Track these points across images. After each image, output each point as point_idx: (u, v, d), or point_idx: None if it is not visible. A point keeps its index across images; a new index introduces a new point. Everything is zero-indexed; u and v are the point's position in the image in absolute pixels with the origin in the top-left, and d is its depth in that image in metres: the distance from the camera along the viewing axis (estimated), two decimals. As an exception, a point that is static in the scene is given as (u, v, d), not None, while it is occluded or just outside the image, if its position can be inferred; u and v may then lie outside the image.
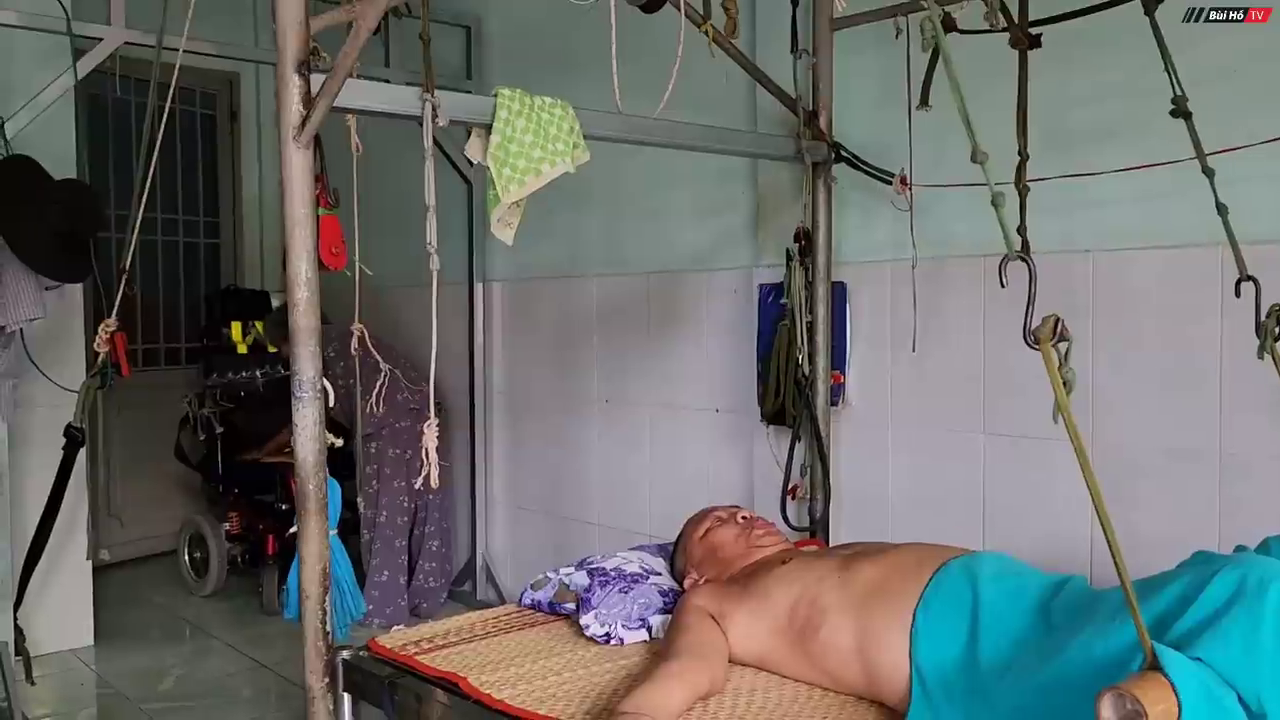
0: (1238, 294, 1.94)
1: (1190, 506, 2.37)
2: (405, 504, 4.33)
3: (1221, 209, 1.95)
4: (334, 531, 2.01)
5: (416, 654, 2.09)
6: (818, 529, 2.94)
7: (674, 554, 2.38)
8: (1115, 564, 1.19)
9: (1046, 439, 2.54)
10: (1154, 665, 1.18)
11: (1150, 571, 1.58)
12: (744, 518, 2.30)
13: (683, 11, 2.41)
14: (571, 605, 2.31)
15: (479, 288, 4.43)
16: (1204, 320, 2.34)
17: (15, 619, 3.32)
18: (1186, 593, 1.40)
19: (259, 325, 4.85)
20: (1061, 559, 2.44)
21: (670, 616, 2.10)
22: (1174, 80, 1.92)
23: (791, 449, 2.97)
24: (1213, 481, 2.35)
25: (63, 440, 3.25)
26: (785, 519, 2.94)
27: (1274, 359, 1.89)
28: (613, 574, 2.30)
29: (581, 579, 2.33)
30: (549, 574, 2.45)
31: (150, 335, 5.54)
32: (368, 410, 3.92)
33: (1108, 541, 1.18)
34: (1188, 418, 2.38)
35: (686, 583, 2.24)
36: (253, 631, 4.27)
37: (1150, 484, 2.43)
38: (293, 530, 1.98)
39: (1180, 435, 2.40)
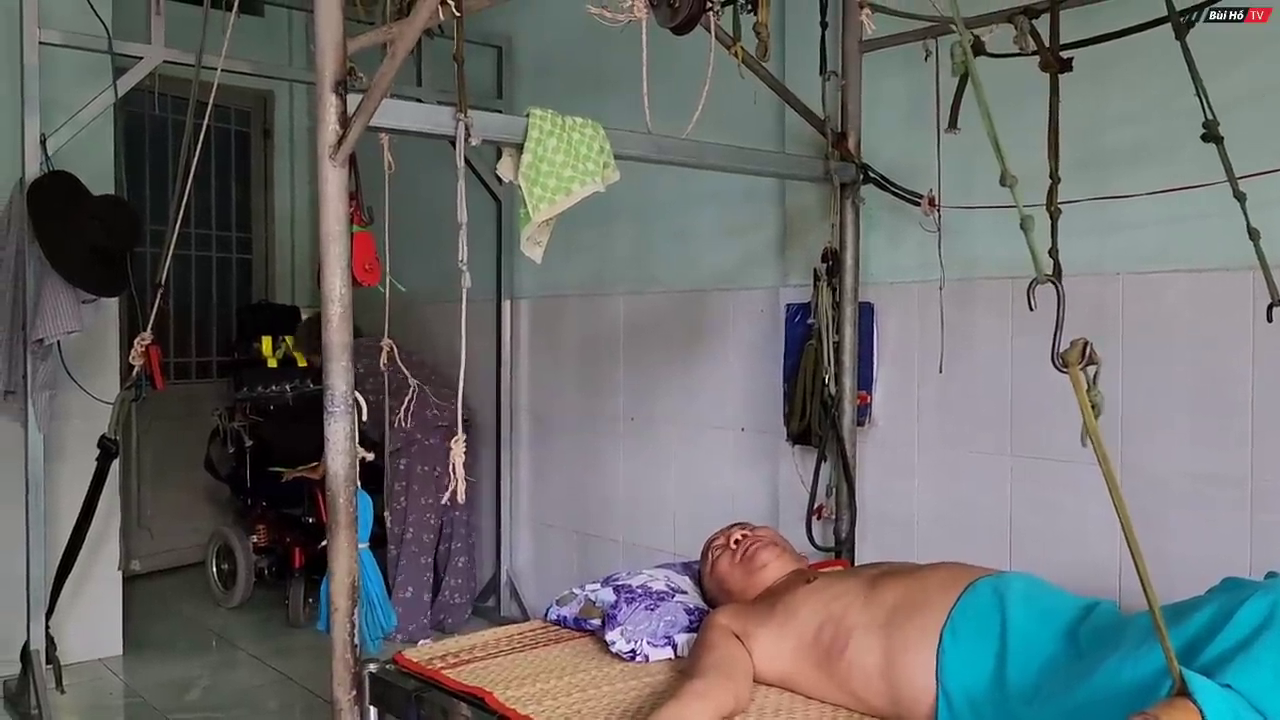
0: (1269, 319, 1.94)
1: (1220, 532, 2.35)
2: (432, 521, 4.35)
3: (1253, 233, 1.95)
4: (365, 545, 2.03)
5: (443, 668, 2.10)
6: (843, 549, 2.93)
7: (703, 592, 2.40)
8: (1144, 589, 1.19)
9: (1074, 462, 2.52)
10: (1183, 691, 1.18)
11: (1179, 597, 1.57)
12: (735, 541, 2.28)
13: (713, 34, 2.43)
14: (597, 621, 2.32)
15: (506, 305, 4.47)
16: (1235, 345, 2.33)
17: (47, 628, 3.37)
18: (1216, 618, 1.39)
19: (289, 340, 4.91)
20: (1090, 584, 2.42)
21: (695, 635, 2.11)
22: (1205, 104, 1.92)
23: (817, 469, 2.96)
24: (1244, 507, 2.33)
25: (97, 451, 3.31)
26: (810, 539, 2.93)
27: (1306, 384, 1.88)
28: (639, 591, 2.31)
29: (607, 595, 2.34)
30: (575, 590, 2.46)
31: (182, 349, 5.61)
32: (395, 425, 3.97)
33: (1136, 566, 1.18)
34: (1218, 443, 2.36)
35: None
36: (279, 643, 4.30)
37: (1180, 509, 2.41)
38: (324, 544, 2.00)
39: (1210, 460, 2.38)
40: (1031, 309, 1.37)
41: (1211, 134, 1.92)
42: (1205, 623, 1.40)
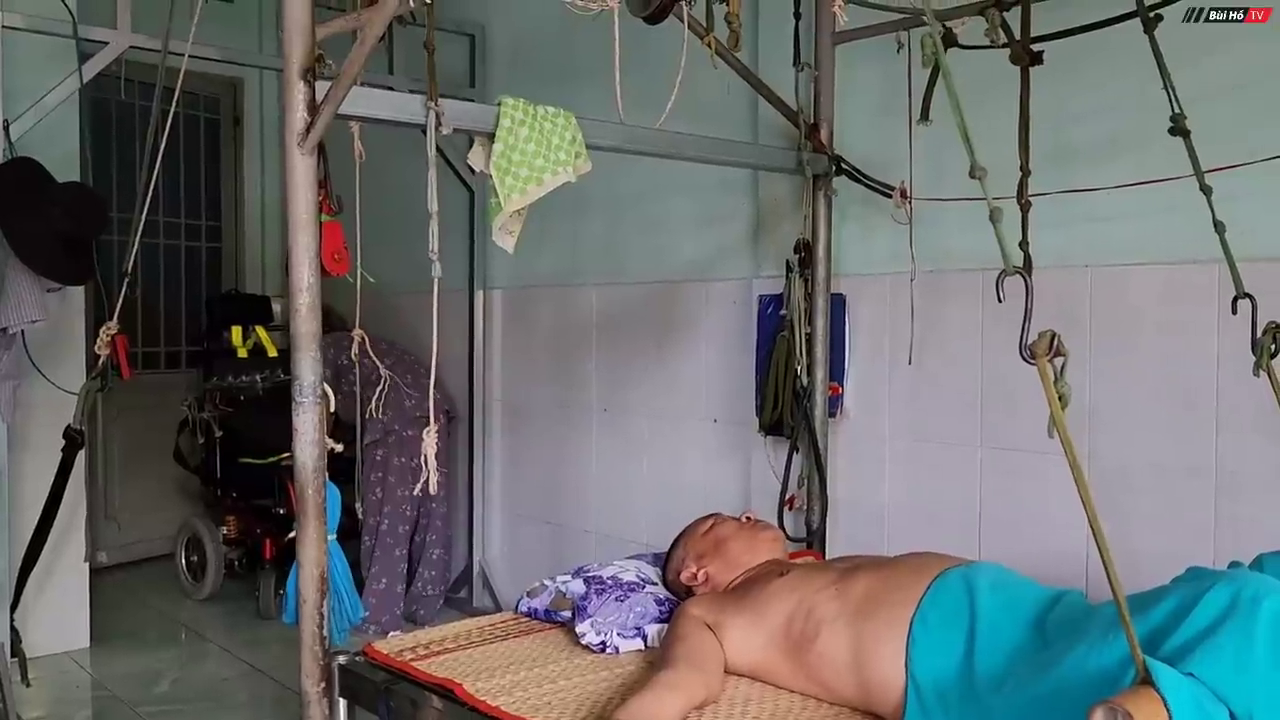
0: (1234, 311, 1.95)
1: (1185, 523, 2.38)
2: (408, 513, 4.32)
3: (1219, 226, 1.96)
4: (333, 536, 2.02)
5: (413, 660, 2.09)
6: (814, 540, 2.94)
7: (668, 556, 2.38)
8: (1109, 578, 1.20)
9: (1043, 453, 2.54)
10: (1146, 680, 1.19)
11: (1144, 587, 1.59)
12: (747, 517, 2.37)
13: (686, 24, 2.43)
14: (567, 613, 2.32)
15: (479, 295, 4.44)
16: (1201, 337, 2.35)
17: (11, 620, 3.33)
18: (1180, 608, 1.41)
19: (259, 330, 4.86)
20: (1057, 573, 2.45)
21: (666, 626, 2.11)
22: (1172, 98, 1.93)
23: (789, 460, 2.97)
24: (1208, 498, 2.35)
25: (62, 442, 3.26)
26: (782, 530, 2.94)
27: (1270, 376, 1.90)
28: (609, 582, 2.31)
29: (578, 587, 2.34)
30: (545, 582, 2.45)
31: (150, 338, 5.55)
32: (368, 415, 3.95)
33: (1101, 556, 1.19)
34: (1184, 434, 2.39)
35: (684, 575, 2.26)
36: (249, 636, 4.27)
37: (1145, 500, 2.44)
38: (292, 535, 1.99)
39: (1176, 451, 2.40)
40: (1000, 301, 1.37)
41: (1179, 127, 1.93)
42: (1169, 612, 1.41)
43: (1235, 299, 1.95)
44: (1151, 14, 1.93)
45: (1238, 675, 1.30)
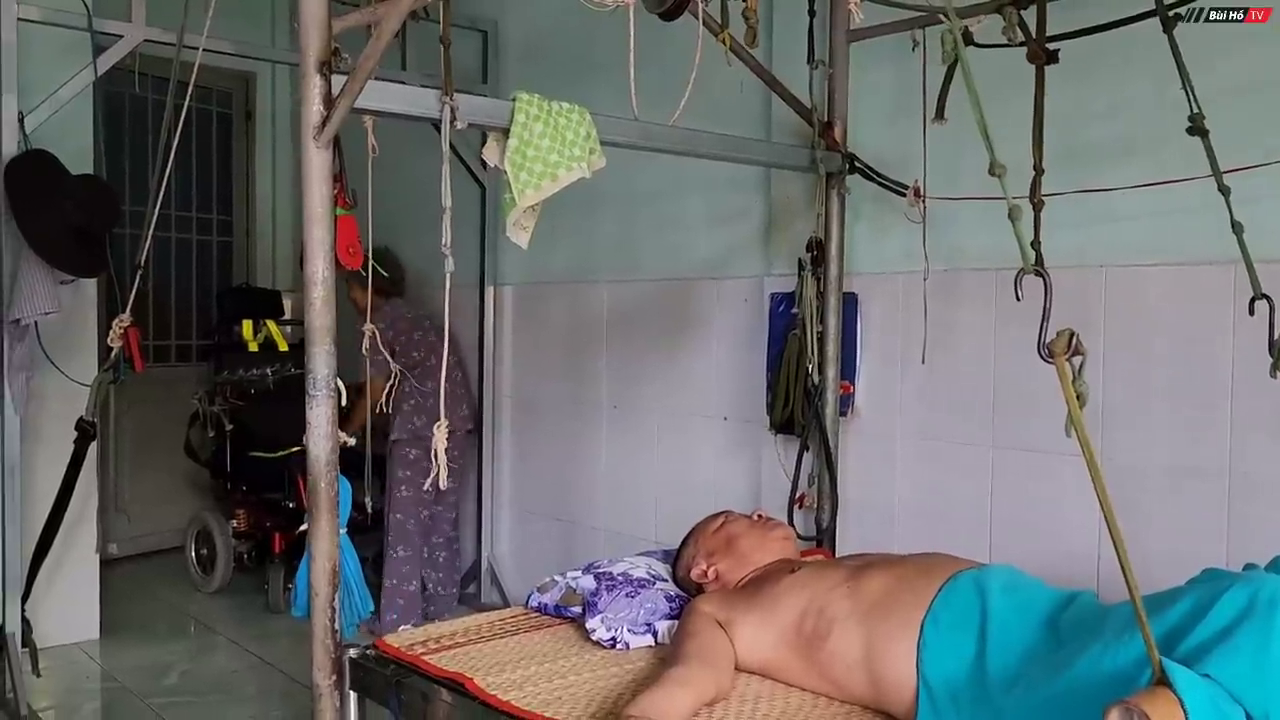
0: (1251, 312, 1.95)
1: (1200, 524, 2.37)
2: (425, 516, 4.31)
3: (1237, 227, 1.95)
4: (344, 530, 2.02)
5: (423, 654, 2.09)
6: (824, 539, 2.94)
7: (679, 553, 2.38)
8: (1125, 578, 1.19)
9: (1055, 454, 2.54)
10: (1162, 680, 1.18)
11: (1157, 588, 1.58)
12: (759, 515, 2.36)
13: (701, 20, 2.42)
14: (578, 609, 2.32)
15: (490, 291, 4.45)
16: (1217, 338, 2.34)
17: (23, 611, 3.34)
18: (1196, 609, 1.40)
19: (270, 324, 4.88)
20: (1068, 575, 2.44)
21: (676, 622, 2.11)
22: (1191, 98, 1.92)
23: (799, 458, 2.97)
24: (1222, 499, 2.34)
25: (74, 434, 3.28)
26: (792, 528, 2.94)
27: (1286, 378, 1.89)
28: (619, 578, 2.31)
29: (588, 583, 2.34)
30: (555, 577, 2.45)
31: (161, 332, 5.57)
32: (398, 410, 3.97)
33: (1118, 556, 1.18)
34: (1198, 435, 2.38)
35: (695, 572, 2.26)
36: (258, 629, 4.28)
37: (1160, 500, 2.43)
38: (302, 528, 1.99)
39: (1191, 452, 2.39)
40: (1018, 299, 1.37)
41: (1197, 127, 1.92)
42: (1185, 613, 1.41)
43: (1253, 300, 1.95)
44: (1171, 13, 1.92)
45: (1255, 676, 1.29)
